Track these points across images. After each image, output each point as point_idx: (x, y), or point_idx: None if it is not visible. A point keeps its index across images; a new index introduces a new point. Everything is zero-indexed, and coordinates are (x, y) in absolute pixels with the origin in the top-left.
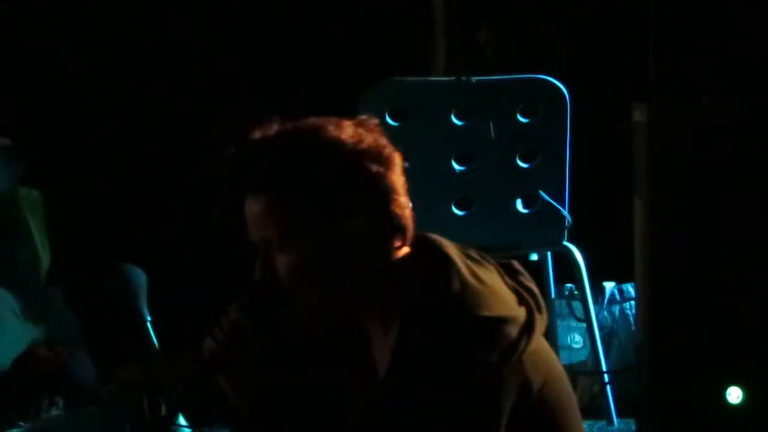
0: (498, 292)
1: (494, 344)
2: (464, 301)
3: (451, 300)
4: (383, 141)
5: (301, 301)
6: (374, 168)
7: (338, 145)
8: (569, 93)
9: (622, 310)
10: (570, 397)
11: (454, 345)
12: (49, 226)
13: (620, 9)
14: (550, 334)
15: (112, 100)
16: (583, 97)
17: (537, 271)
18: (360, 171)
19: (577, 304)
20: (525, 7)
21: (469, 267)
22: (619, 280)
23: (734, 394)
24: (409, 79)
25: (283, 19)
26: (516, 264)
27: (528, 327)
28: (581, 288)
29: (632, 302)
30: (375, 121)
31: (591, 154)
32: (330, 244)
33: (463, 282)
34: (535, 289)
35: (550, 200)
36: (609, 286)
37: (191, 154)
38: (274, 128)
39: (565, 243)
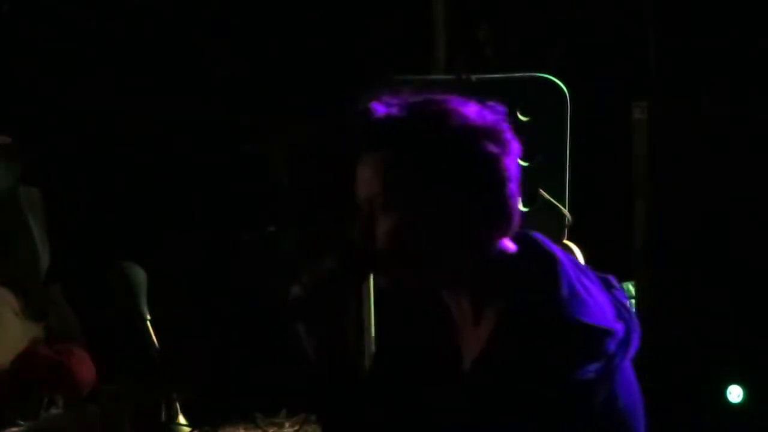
0: (601, 304)
1: (594, 354)
2: (572, 306)
3: (560, 303)
4: (505, 126)
5: (392, 271)
6: (492, 148)
7: (461, 117)
8: (569, 91)
9: None
10: (643, 424)
11: (553, 348)
12: (49, 224)
13: (620, 8)
14: None
15: (112, 98)
16: (583, 96)
17: None
18: (477, 148)
19: None
20: (525, 5)
21: (576, 273)
22: (620, 278)
23: (735, 393)
24: (409, 77)
25: (284, 19)
26: (613, 279)
27: (625, 343)
28: None
29: (632, 300)
30: (502, 107)
31: (591, 153)
32: (433, 216)
33: (572, 287)
34: (630, 307)
35: (551, 198)
36: None
37: (192, 153)
38: (402, 94)
39: (566, 241)
